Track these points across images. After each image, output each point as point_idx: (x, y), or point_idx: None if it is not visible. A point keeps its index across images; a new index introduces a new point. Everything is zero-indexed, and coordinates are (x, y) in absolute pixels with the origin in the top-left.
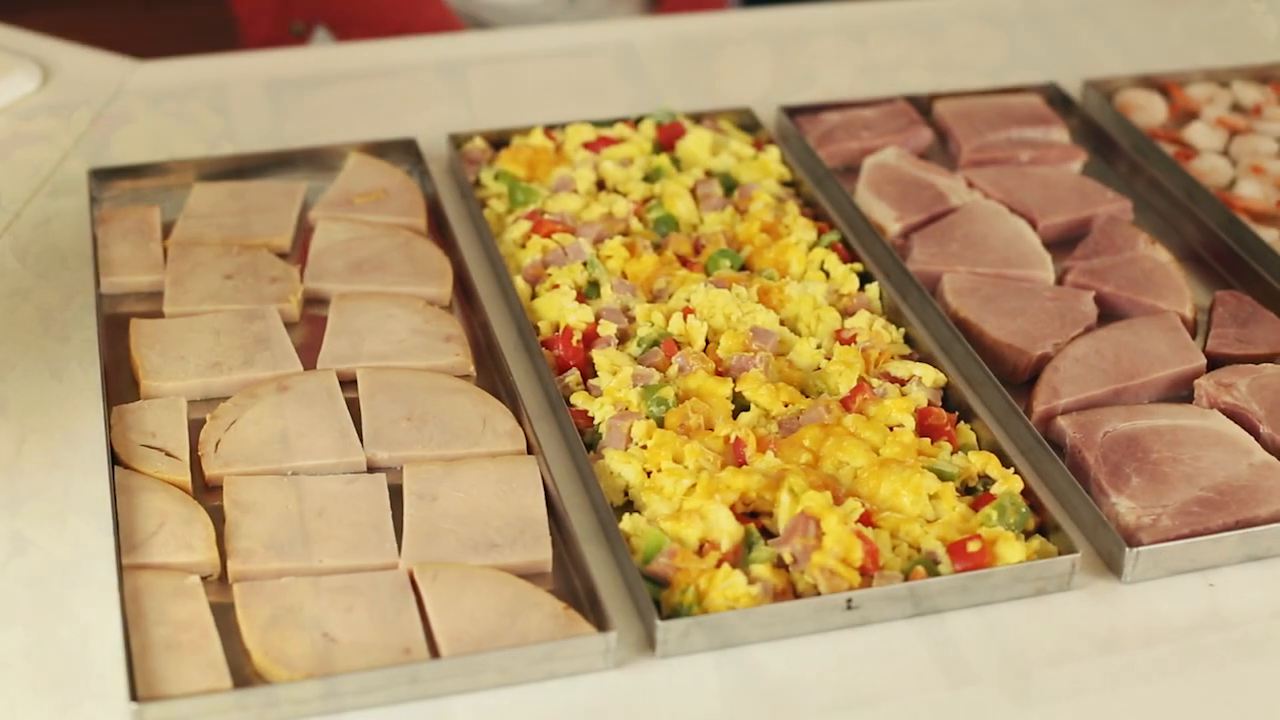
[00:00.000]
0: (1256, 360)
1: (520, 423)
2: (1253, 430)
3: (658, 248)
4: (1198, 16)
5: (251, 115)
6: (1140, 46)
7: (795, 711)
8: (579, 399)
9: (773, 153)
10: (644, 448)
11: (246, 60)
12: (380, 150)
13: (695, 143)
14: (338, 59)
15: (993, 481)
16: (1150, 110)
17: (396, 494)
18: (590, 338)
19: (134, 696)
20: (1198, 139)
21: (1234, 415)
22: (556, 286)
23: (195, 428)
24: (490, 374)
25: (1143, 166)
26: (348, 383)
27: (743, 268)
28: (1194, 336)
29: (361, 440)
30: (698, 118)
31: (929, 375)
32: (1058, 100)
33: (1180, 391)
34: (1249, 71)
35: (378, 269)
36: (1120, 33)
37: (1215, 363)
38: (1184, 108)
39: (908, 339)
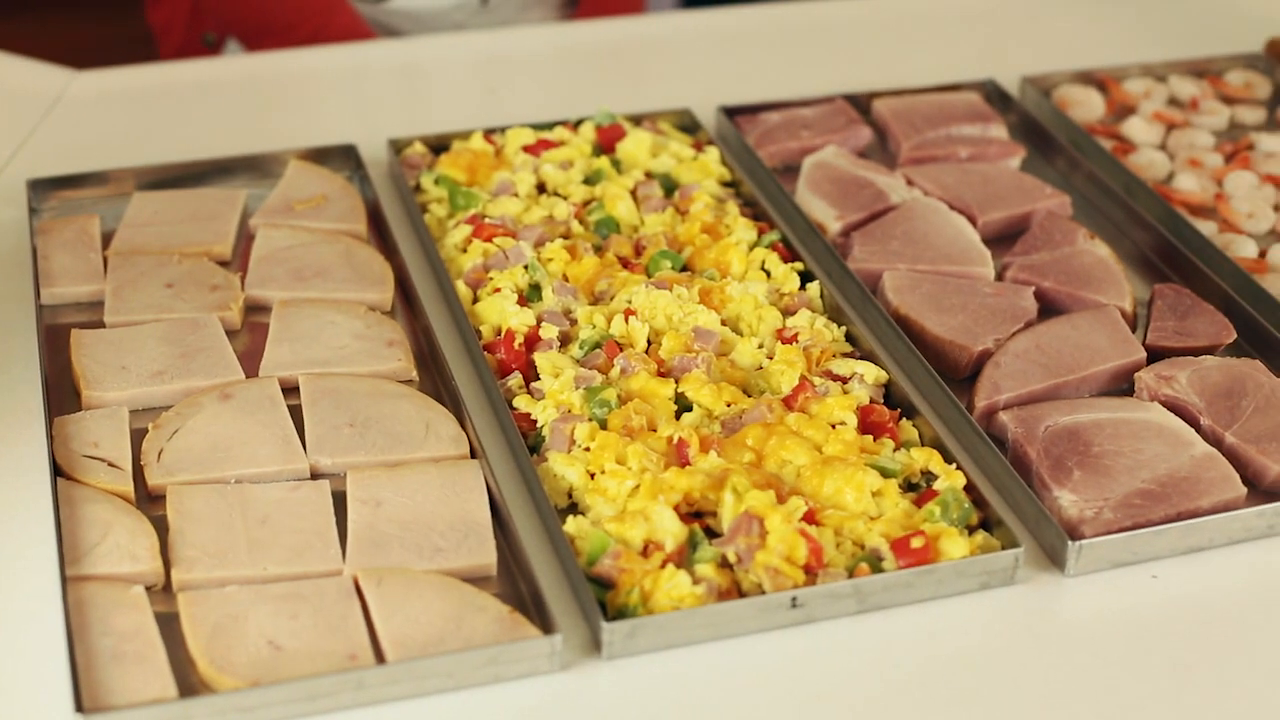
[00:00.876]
0: (1196, 353)
1: (463, 427)
2: (1193, 422)
3: (599, 250)
4: (1134, 12)
5: (191, 123)
6: (1077, 43)
7: (741, 711)
8: (521, 402)
9: (712, 153)
10: (587, 450)
11: (185, 69)
12: (320, 156)
13: (635, 145)
14: (274, 66)
15: (935, 477)
16: (1088, 105)
17: (340, 500)
18: (532, 341)
19: (79, 708)
20: (1135, 134)
21: (1174, 408)
22: (498, 290)
23: (137, 437)
24: (433, 379)
25: (1081, 162)
26: (290, 390)
27: (684, 268)
28: (1134, 330)
29: (304, 447)
30: (637, 120)
31: (871, 373)
32: (996, 97)
33: (1121, 385)
34: (1185, 66)
35: (319, 275)
36: (1057, 29)
37: (1155, 356)
38: (1121, 103)
39: (849, 337)
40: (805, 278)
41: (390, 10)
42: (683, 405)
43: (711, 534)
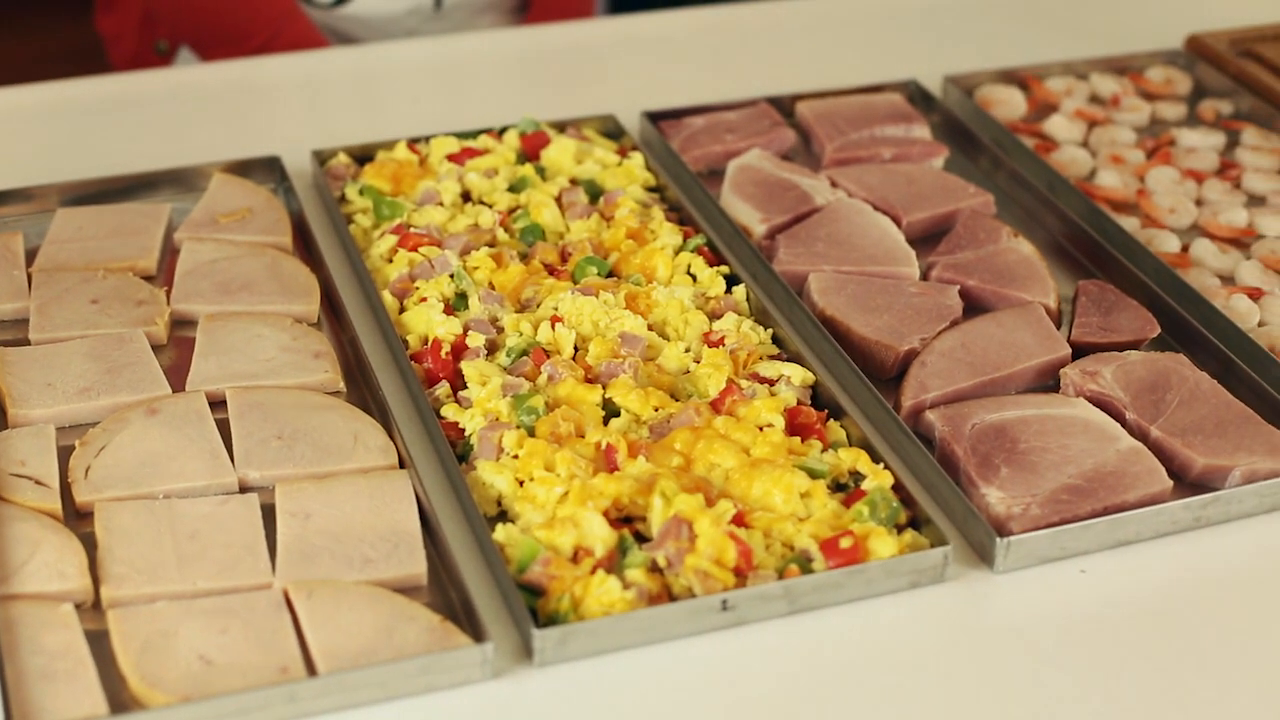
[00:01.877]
0: (1120, 348)
1: (391, 437)
2: (1118, 417)
3: (524, 257)
4: (1055, 11)
5: (114, 138)
6: (999, 42)
7: (674, 714)
8: (449, 411)
9: (637, 159)
10: (515, 457)
11: (107, 83)
12: (244, 169)
13: (559, 151)
14: (199, 79)
15: (863, 477)
16: (1010, 104)
17: (269, 513)
18: (459, 349)
19: None
20: (1057, 131)
21: (1100, 403)
22: (424, 300)
23: (65, 454)
24: (360, 389)
25: (1004, 160)
26: (217, 403)
27: (610, 274)
28: (1058, 326)
29: (232, 461)
30: (561, 126)
31: (798, 374)
32: (918, 97)
33: (1046, 381)
34: (1106, 63)
35: (245, 288)
36: (979, 29)
37: (1080, 351)
38: (1043, 101)
39: (776, 339)
40: (731, 281)
41: (343, 16)
42: (610, 411)
43: (641, 539)
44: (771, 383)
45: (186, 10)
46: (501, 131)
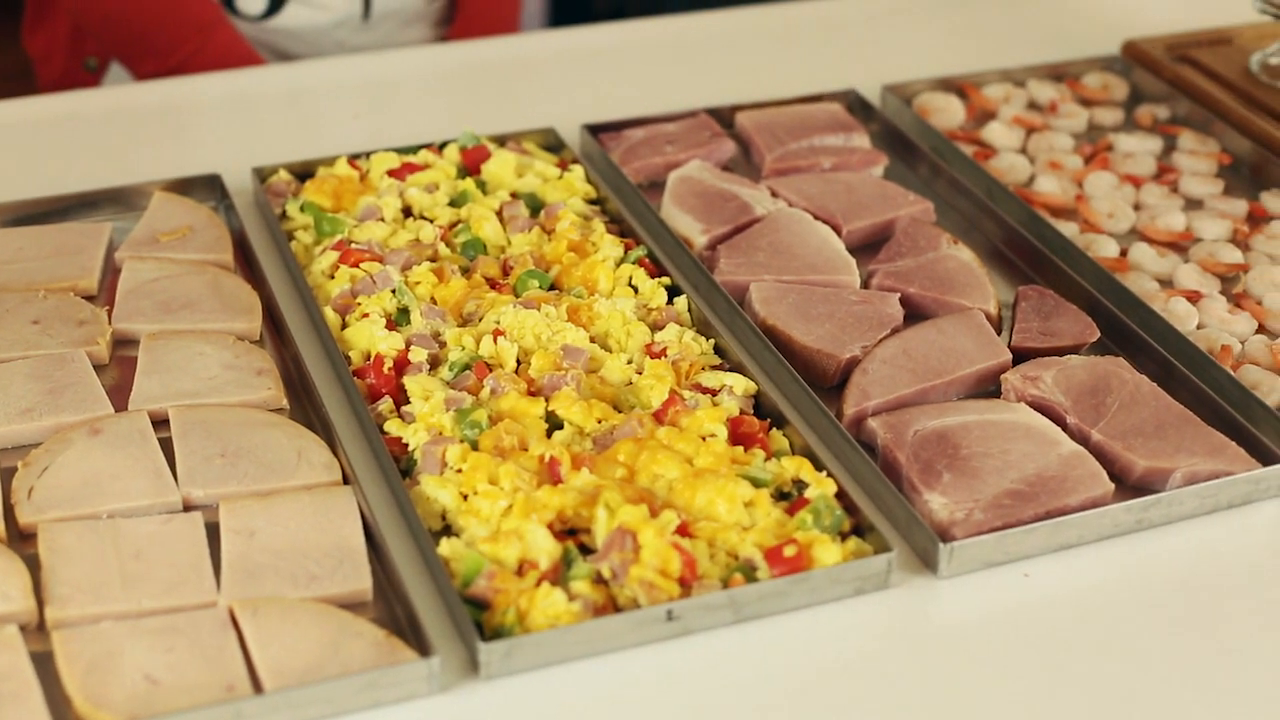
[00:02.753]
0: (1060, 352)
1: (335, 453)
2: (1059, 421)
3: (466, 271)
4: (992, 19)
5: (53, 158)
6: (937, 51)
7: None
8: (393, 426)
9: (577, 171)
10: (459, 471)
11: (44, 103)
12: (184, 187)
13: (500, 165)
14: (139, 98)
15: (806, 486)
16: (948, 112)
17: (214, 531)
18: (402, 365)
19: None
20: (996, 138)
21: (1041, 407)
22: (366, 315)
23: (7, 476)
24: (304, 406)
25: (943, 168)
26: (160, 422)
27: (552, 287)
28: (999, 332)
29: (176, 479)
30: (502, 140)
31: (740, 384)
32: (857, 106)
33: (988, 387)
34: (1044, 70)
35: (186, 307)
36: (917, 38)
37: (1020, 357)
38: (981, 108)
39: (718, 349)
40: (673, 292)
41: (272, 29)
42: (554, 423)
43: (586, 550)
44: (714, 393)
45: (113, 23)
46: (442, 146)
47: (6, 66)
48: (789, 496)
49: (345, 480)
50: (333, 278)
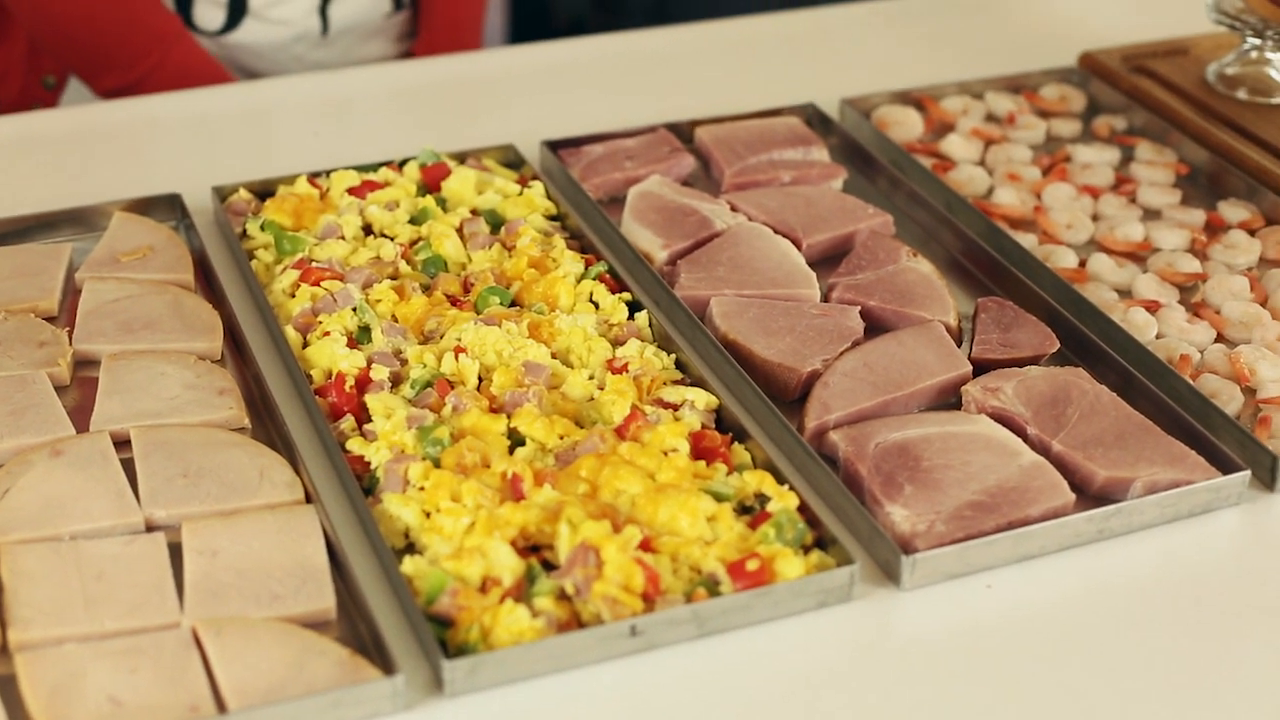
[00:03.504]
0: (1020, 363)
1: (297, 472)
2: (1020, 432)
3: (427, 289)
4: (950, 32)
5: (11, 179)
6: (895, 64)
7: None
8: (355, 445)
9: (537, 188)
10: (421, 489)
11: (1, 123)
12: (144, 207)
13: (460, 182)
14: (97, 118)
15: (769, 499)
16: (907, 125)
17: (177, 552)
18: (363, 383)
19: None
20: (954, 151)
21: (1001, 419)
22: (327, 334)
23: None
24: (265, 426)
25: (902, 181)
26: (122, 443)
27: (513, 304)
28: (959, 344)
29: (138, 500)
30: (462, 157)
31: (701, 399)
32: (816, 120)
33: (948, 399)
34: (1002, 82)
35: (147, 327)
36: (875, 52)
37: (981, 368)
38: (940, 121)
39: (679, 364)
40: (634, 307)
41: (229, 44)
42: (516, 440)
43: (550, 567)
44: (675, 408)
45: (73, 39)
46: (402, 164)
47: None
48: (751, 510)
49: (308, 499)
50: (294, 296)
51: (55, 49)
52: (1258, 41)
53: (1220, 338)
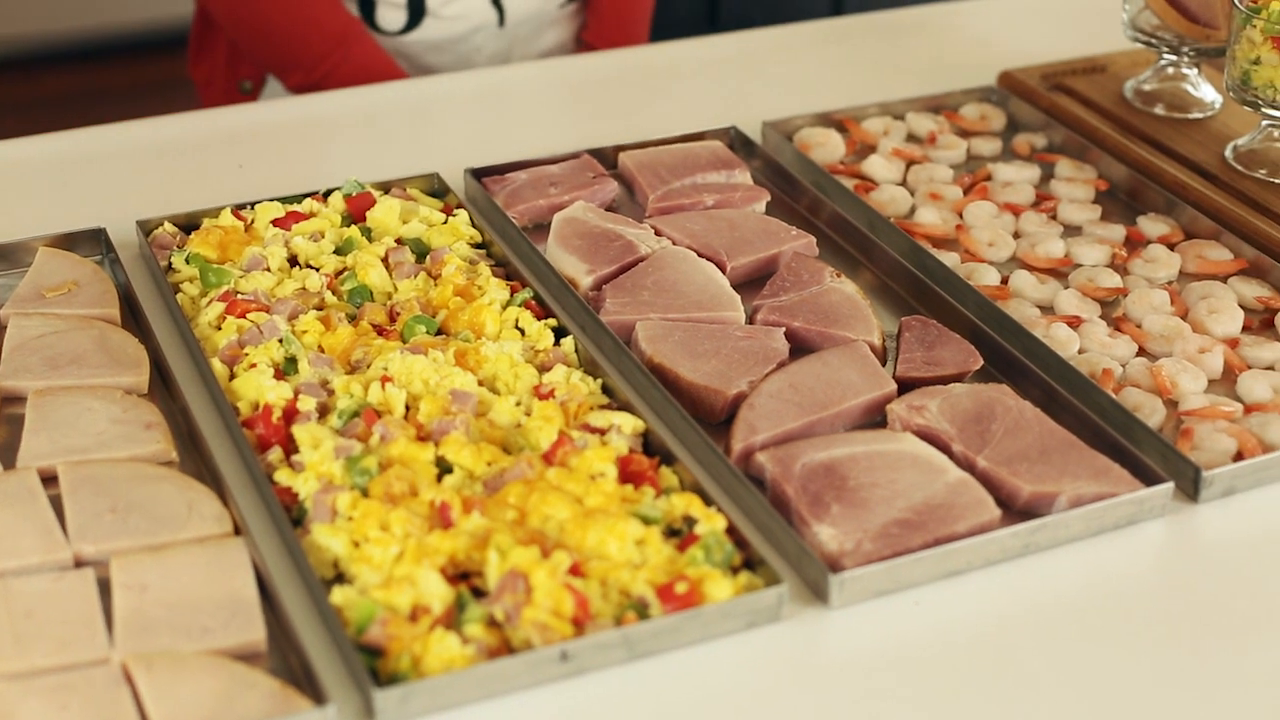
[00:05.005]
0: (945, 381)
1: (226, 505)
2: (945, 449)
3: (353, 319)
4: (871, 54)
5: None
6: (816, 86)
7: None
8: (283, 476)
9: (462, 216)
10: (350, 519)
11: None
12: (69, 242)
13: (385, 212)
14: (21, 153)
15: (697, 522)
16: (829, 147)
17: (106, 587)
18: (291, 414)
19: None
20: (876, 171)
21: (927, 436)
22: (254, 366)
23: None
24: (194, 459)
25: (824, 202)
26: (50, 479)
27: (439, 332)
28: (884, 363)
29: (67, 536)
30: (386, 187)
31: (628, 423)
32: (739, 144)
33: (874, 418)
34: (922, 102)
35: (73, 362)
36: (796, 75)
37: (906, 387)
38: (861, 141)
39: (606, 389)
40: (559, 333)
41: (410, 42)
42: (444, 468)
43: (480, 594)
44: (602, 432)
45: (262, 40)
46: (326, 195)
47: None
48: (680, 533)
49: (237, 531)
50: (220, 329)
51: (247, 49)
52: (1174, 58)
53: (1142, 351)
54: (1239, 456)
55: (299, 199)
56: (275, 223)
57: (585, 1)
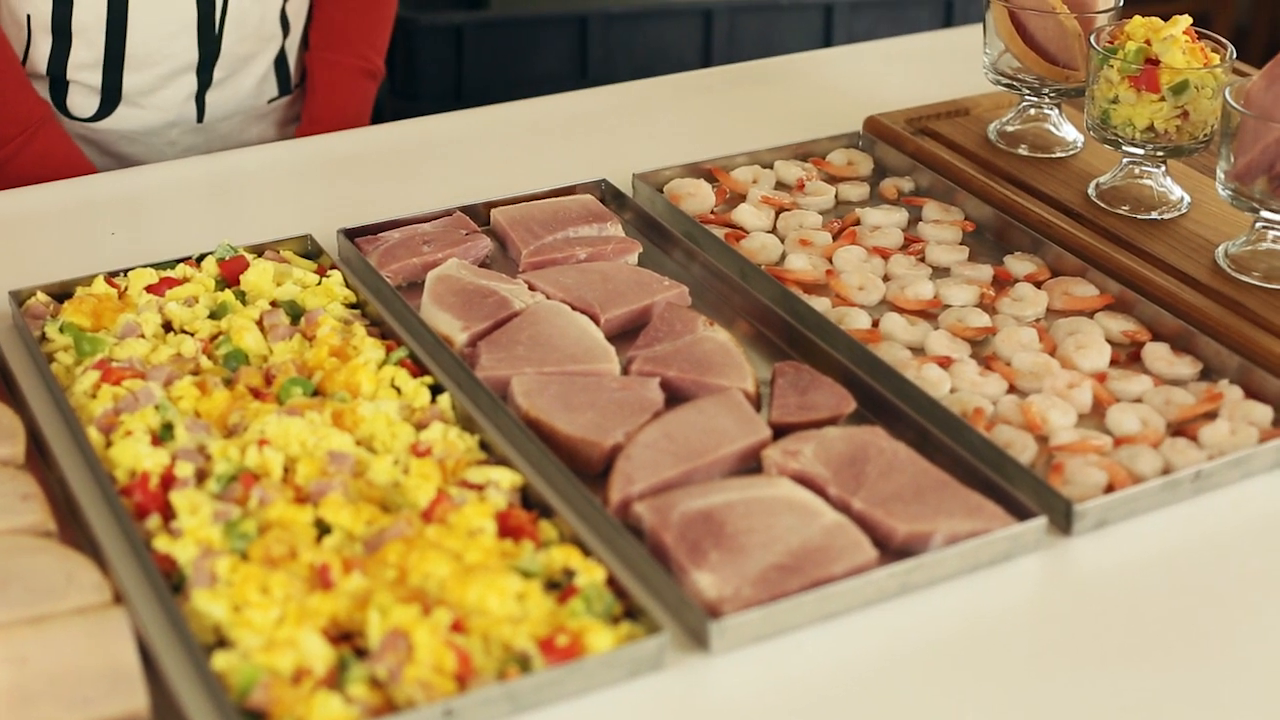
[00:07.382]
0: (819, 425)
1: (105, 574)
2: (821, 493)
3: (229, 383)
4: (739, 106)
5: None
6: (685, 139)
7: None
8: (161, 543)
9: (336, 277)
10: (230, 584)
11: None
12: None
13: (259, 275)
14: None
15: (576, 573)
16: (699, 197)
17: None
18: (168, 480)
19: None
20: (746, 219)
21: (802, 480)
22: (130, 433)
23: None
24: (72, 528)
25: (696, 252)
26: None
27: (315, 393)
28: (758, 410)
29: None
30: (259, 250)
31: (506, 478)
32: (610, 196)
33: (750, 464)
34: (790, 150)
35: None
36: (665, 127)
37: (780, 432)
38: (731, 190)
39: (483, 445)
40: (436, 391)
41: (103, 130)
42: (323, 529)
43: (363, 653)
44: (481, 488)
45: None
46: (199, 259)
47: None
48: (560, 586)
49: (117, 600)
50: (95, 397)
51: None
52: (1035, 99)
53: (1012, 389)
54: (1110, 489)
55: (172, 264)
56: (149, 289)
57: (294, 95)
